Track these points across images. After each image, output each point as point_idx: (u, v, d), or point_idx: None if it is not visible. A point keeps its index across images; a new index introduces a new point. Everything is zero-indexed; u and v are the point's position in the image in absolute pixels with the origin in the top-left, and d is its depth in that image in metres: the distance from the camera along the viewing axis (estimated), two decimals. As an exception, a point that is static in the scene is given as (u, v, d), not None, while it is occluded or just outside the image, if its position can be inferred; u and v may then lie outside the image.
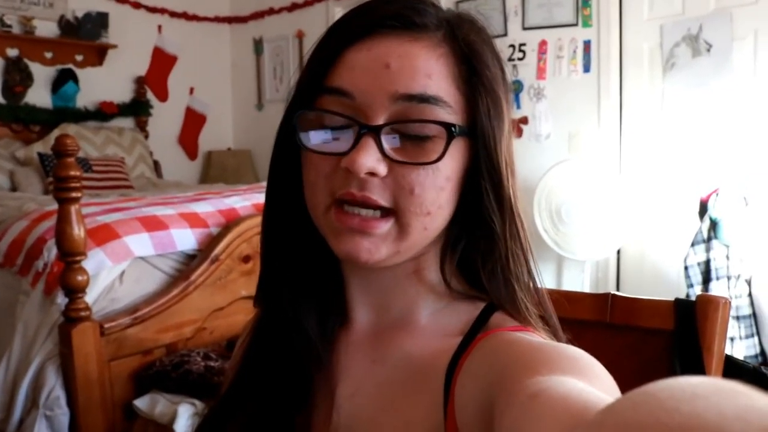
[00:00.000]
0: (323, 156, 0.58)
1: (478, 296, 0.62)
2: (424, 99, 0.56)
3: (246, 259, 2.31)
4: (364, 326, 0.66)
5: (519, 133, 3.73)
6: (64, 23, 4.19)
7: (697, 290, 2.55)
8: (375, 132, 0.56)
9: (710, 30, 3.05)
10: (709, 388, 0.25)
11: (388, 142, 0.56)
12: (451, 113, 0.57)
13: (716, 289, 2.48)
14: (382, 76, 0.56)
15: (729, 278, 2.49)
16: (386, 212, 0.58)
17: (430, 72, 0.56)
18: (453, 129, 0.56)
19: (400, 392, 0.60)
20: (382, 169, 0.56)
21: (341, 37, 0.59)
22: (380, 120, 0.56)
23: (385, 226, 0.57)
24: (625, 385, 0.45)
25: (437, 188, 0.57)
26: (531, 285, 0.62)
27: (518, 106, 3.74)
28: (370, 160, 0.55)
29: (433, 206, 0.57)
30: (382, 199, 0.57)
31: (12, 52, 3.99)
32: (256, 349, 0.69)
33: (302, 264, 0.67)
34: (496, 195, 0.59)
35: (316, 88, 0.59)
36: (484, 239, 0.60)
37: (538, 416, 0.38)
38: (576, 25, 3.51)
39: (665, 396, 0.26)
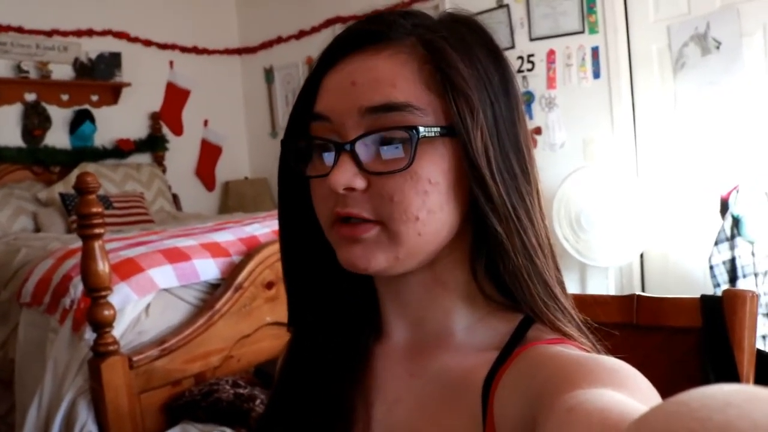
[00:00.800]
0: (319, 180, 0.60)
1: (513, 306, 0.62)
2: (391, 107, 0.56)
3: (269, 285, 2.32)
4: (400, 340, 0.66)
5: (533, 143, 3.71)
6: (78, 65, 4.28)
7: (724, 289, 2.51)
8: (347, 148, 0.57)
9: (718, 27, 3.03)
10: (742, 396, 0.25)
11: (367, 155, 0.57)
12: (423, 116, 0.56)
13: (743, 286, 2.44)
14: (350, 94, 0.57)
15: (756, 275, 2.45)
16: (374, 223, 0.58)
17: (394, 80, 0.56)
18: (414, 132, 0.55)
19: (438, 405, 0.60)
20: (359, 183, 0.57)
21: (321, 65, 0.62)
22: (353, 136, 0.57)
23: (372, 230, 0.58)
24: (655, 385, 0.45)
25: (420, 192, 0.56)
26: (553, 292, 0.60)
27: (530, 117, 3.73)
28: (344, 176, 0.56)
29: (421, 211, 0.57)
30: (364, 211, 0.58)
31: (30, 97, 4.08)
32: (290, 370, 0.70)
33: (326, 283, 0.68)
34: (486, 196, 0.57)
35: (304, 117, 0.62)
36: (493, 242, 0.58)
37: (573, 429, 0.38)
38: (583, 32, 3.51)
39: (698, 405, 0.25)
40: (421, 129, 0.55)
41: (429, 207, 0.57)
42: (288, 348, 0.72)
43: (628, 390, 0.43)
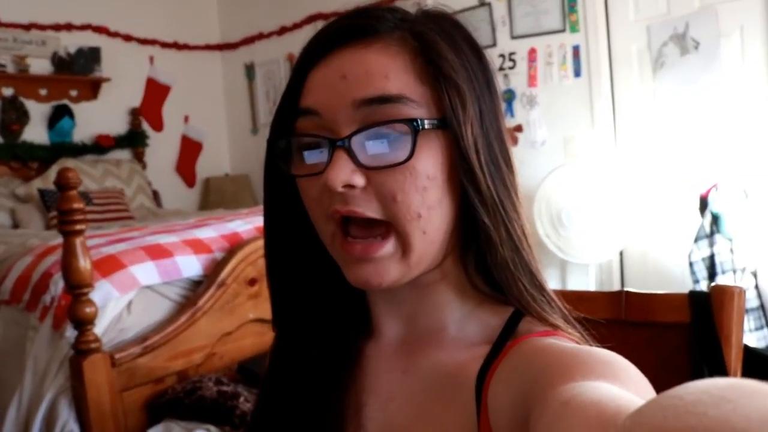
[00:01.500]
0: (309, 179, 0.58)
1: (502, 299, 0.62)
2: (385, 99, 0.55)
3: (252, 282, 2.31)
4: (392, 338, 0.66)
5: (514, 141, 3.75)
6: (57, 60, 4.22)
7: (704, 285, 2.55)
8: (343, 144, 0.55)
9: (697, 28, 3.08)
10: (736, 391, 0.26)
11: (362, 151, 0.56)
12: (417, 107, 0.55)
13: (722, 282, 2.48)
14: (340, 88, 0.56)
15: (735, 271, 2.49)
16: (385, 233, 0.57)
17: (386, 72, 0.56)
18: (416, 123, 0.54)
19: (432, 401, 0.59)
20: (358, 179, 0.55)
21: (306, 60, 0.60)
22: (347, 131, 0.56)
23: (387, 246, 0.57)
24: (645, 380, 0.45)
25: (420, 189, 0.55)
26: (540, 283, 0.61)
27: (512, 115, 3.76)
28: (343, 173, 0.54)
29: (422, 208, 0.56)
30: (369, 210, 0.56)
31: (7, 91, 4.01)
32: (277, 370, 0.69)
33: (313, 282, 0.67)
34: (475, 188, 0.57)
35: (290, 113, 0.60)
36: (482, 235, 0.58)
37: (570, 423, 0.38)
38: (564, 31, 3.54)
39: (693, 400, 0.26)
40: (422, 121, 0.54)
41: (429, 203, 0.56)
42: (273, 348, 0.71)
43: (622, 382, 0.43)
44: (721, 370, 0.72)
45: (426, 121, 0.55)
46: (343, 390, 0.64)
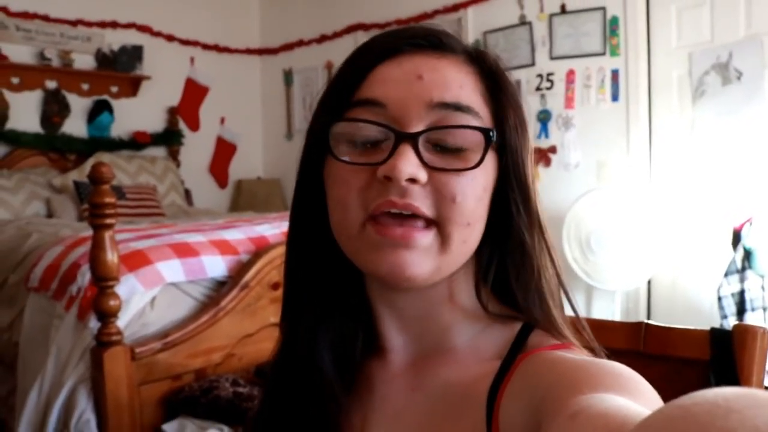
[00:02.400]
0: (355, 169, 0.57)
1: (513, 316, 0.62)
2: (459, 107, 0.56)
3: (275, 286, 2.32)
4: (400, 356, 0.65)
5: (547, 162, 3.72)
6: (100, 56, 4.32)
7: (731, 321, 2.49)
8: (413, 139, 0.55)
9: (740, 58, 3.02)
10: (743, 401, 0.25)
11: (425, 150, 0.56)
12: (482, 124, 0.57)
13: (751, 320, 2.42)
14: (416, 87, 0.56)
15: (765, 309, 2.43)
16: (428, 223, 0.56)
17: (461, 84, 0.57)
18: (491, 134, 0.56)
19: (441, 419, 0.59)
20: (422, 175, 0.55)
21: (370, 55, 0.60)
22: (417, 128, 0.56)
23: (428, 236, 0.56)
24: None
25: (477, 198, 0.56)
26: (561, 302, 0.62)
27: (546, 135, 3.73)
28: (410, 166, 0.54)
29: (473, 217, 0.57)
30: (423, 206, 0.55)
31: (51, 84, 4.11)
32: (281, 378, 0.68)
33: (325, 294, 0.65)
34: (526, 209, 0.59)
35: (345, 103, 0.59)
36: (517, 255, 0.59)
37: None
38: (604, 54, 3.51)
39: (700, 411, 0.25)
40: (494, 133, 0.57)
41: (478, 215, 0.57)
42: (278, 356, 0.70)
43: (631, 394, 0.43)
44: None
45: (496, 135, 0.57)
46: (347, 410, 0.63)
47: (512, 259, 0.60)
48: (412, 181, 0.54)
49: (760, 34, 2.98)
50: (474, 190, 0.56)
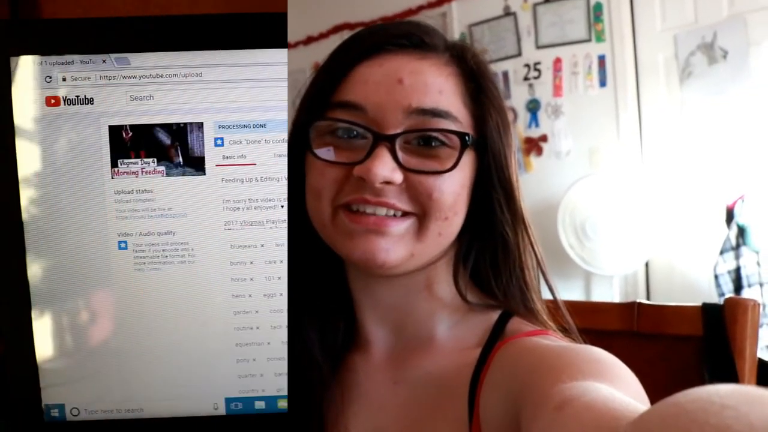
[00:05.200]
0: (333, 166, 0.59)
1: (492, 305, 0.63)
2: (437, 113, 0.57)
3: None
4: (381, 348, 0.66)
5: (539, 151, 3.73)
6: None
7: (730, 299, 2.50)
8: (390, 141, 0.56)
9: (725, 37, 3.03)
10: (738, 398, 0.25)
11: (402, 151, 0.58)
12: (460, 128, 0.59)
13: (749, 296, 2.43)
14: (396, 91, 0.57)
15: (761, 285, 2.45)
16: (404, 214, 0.58)
17: (441, 88, 0.58)
18: (467, 138, 0.57)
19: (424, 411, 0.60)
20: (398, 177, 0.56)
21: (352, 54, 0.61)
22: (395, 131, 0.57)
23: (403, 224, 0.58)
24: (656, 393, 0.45)
25: (454, 194, 0.58)
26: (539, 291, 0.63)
27: (537, 125, 3.73)
28: (385, 169, 0.56)
29: (451, 212, 0.58)
30: (400, 202, 0.57)
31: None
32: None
33: (310, 282, 0.67)
34: (509, 207, 0.61)
35: (325, 103, 0.61)
36: (498, 250, 0.61)
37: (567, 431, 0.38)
38: (589, 40, 3.51)
39: (694, 408, 0.26)
40: (470, 137, 0.58)
41: (456, 209, 0.59)
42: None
43: (611, 381, 0.43)
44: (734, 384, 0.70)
45: (471, 138, 0.59)
46: (328, 403, 0.64)
47: (492, 252, 0.62)
48: (387, 183, 0.57)
49: (743, 13, 2.98)
50: (451, 186, 0.58)
